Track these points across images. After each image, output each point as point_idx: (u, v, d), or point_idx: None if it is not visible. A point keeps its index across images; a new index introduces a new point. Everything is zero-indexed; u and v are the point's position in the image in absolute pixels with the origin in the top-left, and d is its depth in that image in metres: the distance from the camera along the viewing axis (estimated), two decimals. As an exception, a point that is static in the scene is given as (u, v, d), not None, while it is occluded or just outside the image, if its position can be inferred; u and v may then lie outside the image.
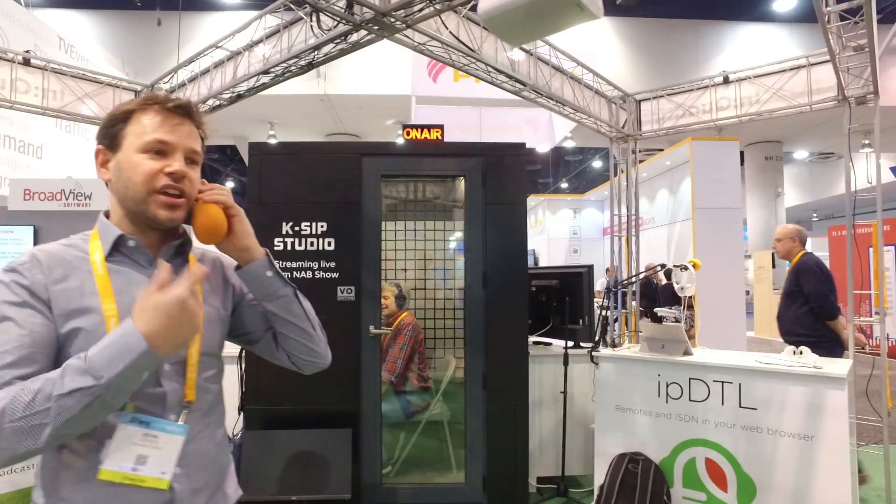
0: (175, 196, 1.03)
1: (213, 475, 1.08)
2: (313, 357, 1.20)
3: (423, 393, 3.85)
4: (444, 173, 3.50)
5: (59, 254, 1.02)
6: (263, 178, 3.42)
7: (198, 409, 1.06)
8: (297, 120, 12.49)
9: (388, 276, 3.84)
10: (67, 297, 0.97)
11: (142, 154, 1.02)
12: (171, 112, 1.04)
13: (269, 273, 1.11)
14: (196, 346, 1.06)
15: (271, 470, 3.00)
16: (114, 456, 0.95)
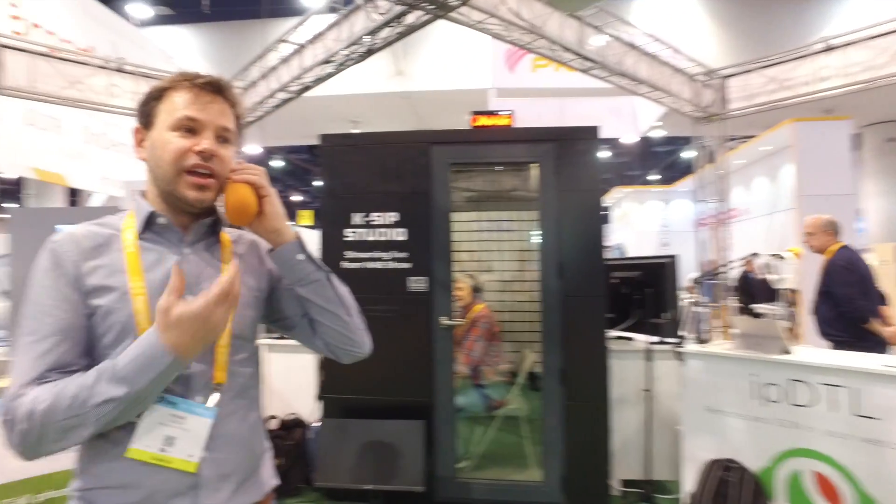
0: (204, 175, 1.00)
1: (244, 460, 1.04)
2: (349, 345, 1.13)
3: (498, 386, 3.76)
4: (515, 160, 3.38)
5: (93, 231, 1.02)
6: (335, 169, 3.46)
7: (227, 392, 1.03)
8: (379, 118, 12.75)
9: (463, 267, 3.77)
10: (99, 275, 0.97)
11: (172, 132, 1.00)
12: (201, 89, 1.01)
13: (301, 256, 1.06)
14: (227, 328, 1.02)
15: (345, 458, 3.02)
16: (143, 435, 0.94)
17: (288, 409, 3.76)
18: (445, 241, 3.33)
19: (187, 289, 1.00)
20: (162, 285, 0.97)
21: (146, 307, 0.96)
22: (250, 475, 1.06)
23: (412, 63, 11.80)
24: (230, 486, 1.00)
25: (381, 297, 3.33)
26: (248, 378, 1.08)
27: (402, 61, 11.83)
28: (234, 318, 1.04)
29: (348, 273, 3.35)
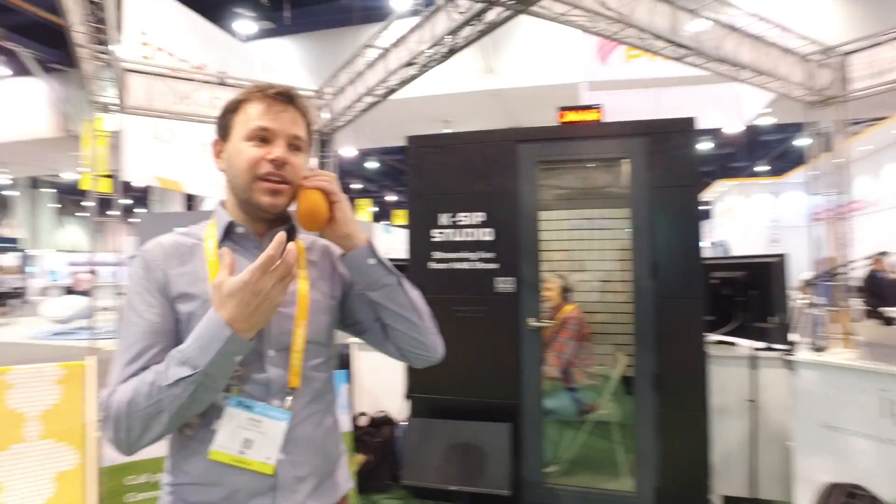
0: (277, 182, 1.03)
1: (319, 463, 1.07)
2: (421, 349, 1.13)
3: (589, 389, 3.64)
4: (604, 156, 3.25)
5: (178, 241, 1.08)
6: (421, 169, 3.50)
7: (303, 396, 1.05)
8: (470, 117, 12.81)
9: (552, 267, 3.69)
10: (182, 282, 1.03)
11: (247, 142, 1.04)
12: (273, 99, 1.05)
13: (371, 261, 1.07)
14: (301, 334, 1.06)
15: (432, 458, 3.05)
16: (223, 437, 0.99)
17: (377, 407, 3.86)
18: (533, 241, 3.27)
19: None
20: None
21: None
22: (326, 478, 1.09)
23: (502, 60, 11.74)
24: (307, 487, 1.03)
25: (469, 297, 3.33)
26: (324, 383, 1.11)
27: (492, 59, 11.79)
28: (309, 325, 1.07)
29: (435, 274, 3.39)
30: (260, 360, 1.02)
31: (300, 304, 1.07)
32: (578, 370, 3.61)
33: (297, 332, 1.05)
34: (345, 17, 11.89)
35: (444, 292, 3.38)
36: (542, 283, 3.30)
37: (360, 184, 25.03)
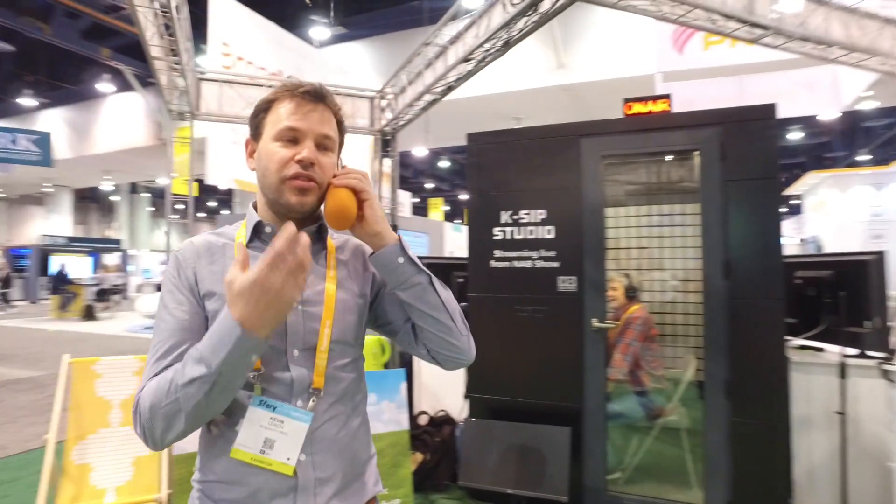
0: (305, 180, 1.02)
1: (344, 465, 1.05)
2: (452, 352, 1.09)
3: (656, 393, 3.46)
4: (672, 148, 3.07)
5: (209, 241, 1.09)
6: (481, 167, 3.46)
7: (327, 397, 1.04)
8: (541, 113, 12.61)
9: (617, 266, 3.54)
10: (210, 281, 1.03)
11: (276, 142, 1.03)
12: (302, 98, 1.04)
13: (401, 259, 1.04)
14: (327, 333, 1.04)
15: (488, 460, 3.00)
16: (245, 437, 0.98)
17: (438, 406, 3.85)
18: (597, 239, 3.14)
19: None
20: None
21: None
22: (352, 481, 1.06)
23: (573, 54, 11.47)
24: (329, 490, 1.02)
25: (530, 297, 3.26)
26: (351, 383, 1.09)
27: (563, 54, 11.55)
28: (335, 324, 1.05)
29: (496, 273, 3.34)
30: (284, 359, 1.02)
31: (327, 303, 1.06)
32: (645, 373, 3.44)
33: (322, 331, 1.04)
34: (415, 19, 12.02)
35: (504, 291, 3.33)
36: (607, 282, 3.17)
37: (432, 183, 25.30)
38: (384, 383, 3.19)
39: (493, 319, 3.34)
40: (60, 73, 15.45)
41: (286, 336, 1.02)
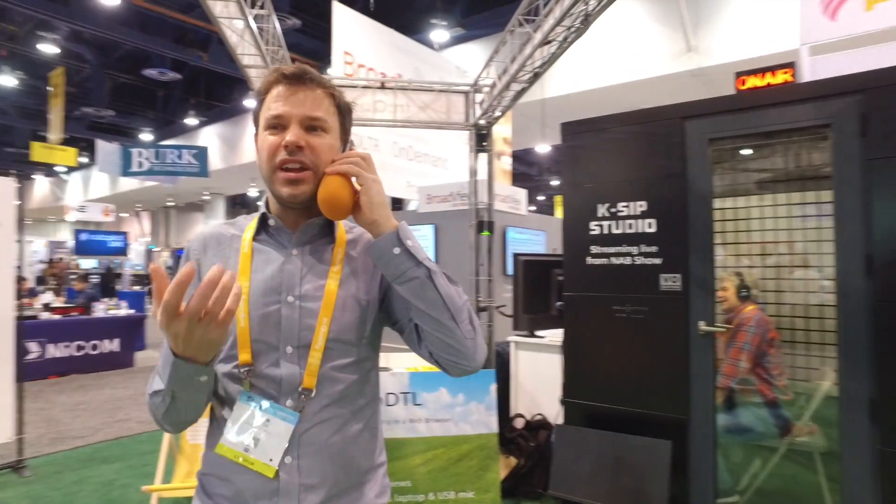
0: (295, 170, 0.97)
1: (336, 473, 0.98)
2: (453, 356, 0.97)
3: (778, 408, 3.02)
4: (796, 125, 2.63)
5: (218, 232, 1.08)
6: (577, 158, 3.25)
7: (320, 398, 0.97)
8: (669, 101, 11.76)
9: (728, 262, 3.15)
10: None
11: (266, 131, 1.00)
12: (287, 82, 0.99)
13: (397, 250, 0.94)
14: (324, 332, 0.98)
15: (581, 470, 2.80)
16: (230, 433, 0.96)
17: (536, 409, 3.69)
18: (704, 232, 2.81)
19: (286, 290, 1.00)
20: (264, 287, 0.99)
21: (246, 307, 0.98)
22: (347, 490, 0.99)
23: (705, 36, 10.55)
24: (315, 497, 0.95)
25: (629, 296, 2.99)
26: (351, 386, 1.01)
27: (693, 36, 10.67)
28: (333, 322, 0.99)
29: (593, 270, 3.11)
30: (276, 355, 0.98)
31: (326, 300, 1.00)
32: (764, 382, 3.01)
33: (318, 329, 0.98)
34: (530, 13, 11.78)
35: (601, 290, 3.09)
36: (717, 280, 2.82)
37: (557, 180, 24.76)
38: (473, 384, 3.12)
39: (590, 320, 3.12)
40: (216, 94, 17.30)
41: (280, 332, 0.98)
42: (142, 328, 8.57)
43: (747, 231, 3.07)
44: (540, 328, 3.81)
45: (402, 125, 3.71)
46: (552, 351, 3.56)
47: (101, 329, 7.71)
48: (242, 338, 0.98)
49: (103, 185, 21.51)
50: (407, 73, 10.91)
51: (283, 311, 0.99)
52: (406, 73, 10.91)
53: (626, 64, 10.87)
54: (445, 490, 2.96)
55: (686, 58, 10.73)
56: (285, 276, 1.01)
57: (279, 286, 1.00)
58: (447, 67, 12.52)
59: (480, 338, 1.00)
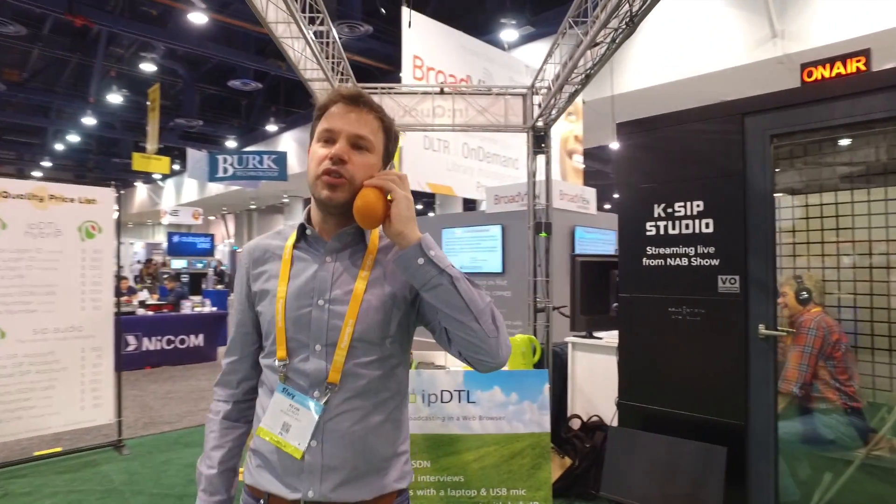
0: (336, 177, 1.08)
1: (355, 457, 1.08)
2: (479, 354, 1.06)
3: (849, 416, 2.85)
4: (869, 117, 2.48)
5: (266, 242, 1.23)
6: (632, 158, 3.22)
7: (343, 392, 1.09)
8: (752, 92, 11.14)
9: (790, 264, 3.02)
10: (261, 280, 1.17)
11: (317, 143, 1.12)
12: (343, 102, 1.11)
13: (421, 261, 1.03)
14: (349, 332, 1.09)
15: (634, 473, 2.78)
16: (268, 418, 1.11)
17: (592, 410, 3.68)
18: (765, 233, 2.71)
19: (317, 294, 1.11)
20: (298, 291, 1.13)
21: (283, 309, 1.11)
22: (366, 474, 1.09)
23: (793, 19, 9.91)
24: (335, 478, 1.07)
25: (686, 298, 2.94)
26: (374, 381, 1.11)
27: (778, 21, 10.06)
28: (358, 323, 1.10)
29: (649, 271, 3.08)
30: (306, 352, 1.10)
31: (352, 302, 1.11)
32: (827, 387, 2.85)
33: (344, 329, 1.09)
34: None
35: (658, 291, 3.05)
36: (780, 283, 2.71)
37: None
38: (526, 383, 3.16)
39: (645, 322, 3.08)
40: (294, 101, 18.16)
41: (310, 331, 1.10)
42: (223, 325, 9.17)
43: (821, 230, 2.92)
44: (598, 329, 3.79)
45: (462, 129, 3.79)
46: (609, 352, 3.53)
47: (187, 325, 8.37)
48: (280, 336, 1.11)
49: (193, 191, 23.12)
50: (476, 75, 11.01)
51: (314, 313, 1.11)
52: (475, 74, 11.01)
53: (704, 54, 10.41)
54: (497, 486, 3.02)
55: (771, 44, 10.14)
56: (318, 281, 1.13)
57: (312, 290, 1.12)
58: (517, 67, 12.49)
59: (504, 336, 1.08)
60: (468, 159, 10.74)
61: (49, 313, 3.92)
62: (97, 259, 4.12)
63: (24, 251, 3.85)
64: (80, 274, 4.05)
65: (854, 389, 2.91)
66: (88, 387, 4.07)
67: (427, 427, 3.10)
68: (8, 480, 3.68)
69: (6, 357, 3.78)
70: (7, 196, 3.83)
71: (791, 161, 3.12)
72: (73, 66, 16.17)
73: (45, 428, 3.94)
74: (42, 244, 3.91)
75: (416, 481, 3.03)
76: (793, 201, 3.13)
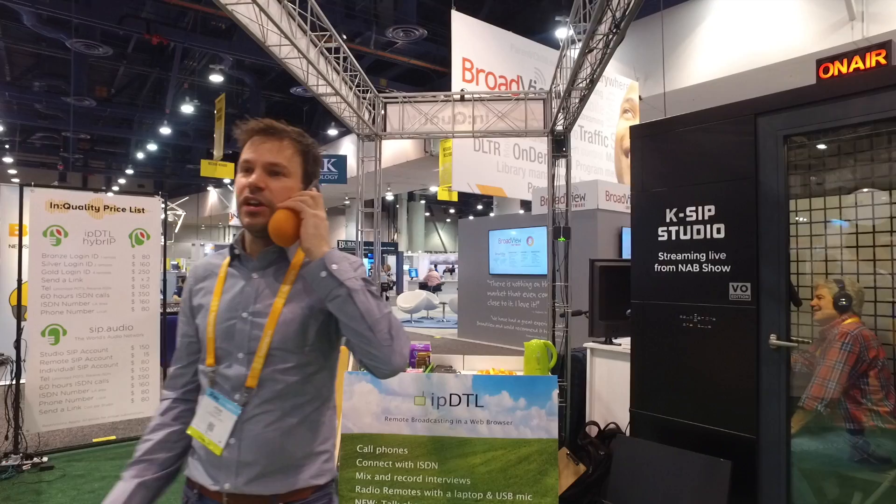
0: (254, 205, 1.19)
1: (270, 455, 1.18)
2: (374, 361, 1.14)
3: (880, 435, 2.66)
4: (887, 115, 2.31)
5: (210, 261, 1.35)
6: (645, 162, 3.14)
7: (260, 395, 1.18)
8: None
9: (804, 269, 2.86)
10: (199, 295, 1.30)
11: (240, 174, 1.23)
12: (256, 133, 1.22)
13: (323, 274, 1.12)
14: (267, 342, 1.19)
15: (639, 483, 2.73)
16: (197, 418, 1.23)
17: (610, 417, 3.61)
18: (778, 238, 2.59)
19: (242, 307, 1.23)
20: (227, 305, 1.24)
21: (213, 321, 1.24)
22: (279, 470, 1.19)
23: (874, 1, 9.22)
24: (249, 472, 1.17)
25: (697, 305, 2.85)
26: (290, 386, 1.20)
27: (857, 2, 9.36)
28: (275, 334, 1.20)
29: (661, 277, 3.00)
30: (231, 360, 1.21)
31: (272, 315, 1.21)
32: (856, 406, 2.67)
33: (263, 339, 1.19)
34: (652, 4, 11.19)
35: (669, 298, 2.97)
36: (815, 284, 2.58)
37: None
38: (535, 389, 3.16)
39: (657, 329, 3.01)
40: (354, 106, 18.73)
41: (234, 341, 1.21)
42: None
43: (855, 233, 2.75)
44: (617, 335, 3.72)
45: (482, 136, 3.83)
46: (627, 359, 3.46)
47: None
48: (210, 345, 1.24)
49: (259, 195, 24.17)
50: (527, 75, 10.95)
51: (238, 325, 1.22)
52: (526, 74, 10.95)
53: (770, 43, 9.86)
54: (503, 491, 3.04)
55: (848, 28, 9.48)
56: (244, 296, 1.24)
57: (238, 304, 1.24)
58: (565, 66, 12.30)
59: (399, 345, 1.14)
60: (519, 160, 10.70)
61: (103, 313, 4.28)
62: (146, 263, 4.46)
63: (83, 257, 4.22)
64: (131, 277, 4.40)
65: (888, 410, 2.71)
66: (138, 381, 4.42)
67: (435, 429, 3.16)
68: (67, 463, 4.06)
69: (67, 353, 4.16)
70: (69, 207, 4.21)
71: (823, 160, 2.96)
72: (153, 81, 17.40)
73: (101, 417, 4.31)
74: (98, 250, 4.28)
75: (423, 482, 3.11)
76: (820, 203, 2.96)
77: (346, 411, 3.16)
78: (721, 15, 10.56)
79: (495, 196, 14.94)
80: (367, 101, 4.06)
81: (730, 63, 10.42)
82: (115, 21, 12.29)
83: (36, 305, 4.04)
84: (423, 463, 3.14)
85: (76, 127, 17.72)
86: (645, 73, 12.48)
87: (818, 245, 2.85)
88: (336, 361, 1.31)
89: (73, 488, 3.62)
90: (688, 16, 11.22)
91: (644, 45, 11.86)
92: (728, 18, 10.51)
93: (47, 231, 4.10)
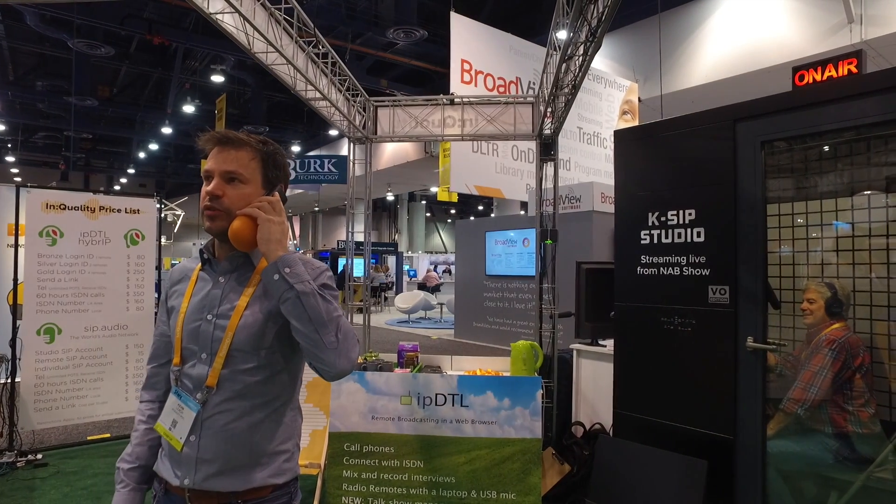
0: (213, 210, 1.24)
1: (230, 452, 1.22)
2: (319, 363, 1.19)
3: (859, 439, 2.70)
4: (860, 122, 2.36)
5: (185, 265, 1.41)
6: (628, 165, 3.19)
7: (220, 394, 1.23)
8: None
9: (783, 273, 2.90)
10: (173, 297, 1.36)
11: (205, 183, 1.29)
12: (216, 144, 1.28)
13: (276, 276, 1.17)
14: (227, 343, 1.23)
15: (619, 482, 2.78)
16: (164, 415, 1.28)
17: (596, 418, 3.66)
18: (755, 242, 2.63)
19: (207, 309, 1.27)
20: (195, 307, 1.29)
21: (182, 322, 1.29)
22: (237, 467, 1.23)
23: (873, 2, 9.24)
24: (207, 469, 1.21)
25: (677, 308, 2.89)
26: (251, 386, 1.25)
27: (855, 4, 9.37)
28: (236, 335, 1.24)
29: (643, 280, 3.05)
30: (194, 359, 1.26)
31: (233, 317, 1.25)
32: (838, 411, 2.70)
33: (224, 340, 1.24)
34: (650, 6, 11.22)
35: (650, 301, 3.02)
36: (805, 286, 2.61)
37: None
38: (519, 389, 3.20)
39: (639, 331, 3.06)
40: (355, 106, 18.79)
41: (198, 341, 1.26)
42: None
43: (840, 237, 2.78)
44: (602, 336, 3.76)
45: (471, 139, 3.87)
46: (612, 360, 3.51)
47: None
48: (177, 346, 1.29)
49: (260, 194, 24.26)
50: (526, 77, 10.99)
51: (202, 326, 1.27)
52: (525, 76, 10.99)
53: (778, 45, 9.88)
54: (487, 489, 3.08)
55: (847, 31, 9.50)
56: (210, 298, 1.29)
57: (204, 307, 1.29)
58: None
59: (346, 349, 1.18)
60: (518, 161, 10.74)
61: (98, 313, 4.34)
62: (140, 264, 4.52)
63: (78, 257, 4.28)
64: (126, 277, 4.46)
65: (868, 415, 2.73)
66: (132, 380, 4.47)
67: (421, 428, 3.21)
68: (62, 460, 4.12)
69: (62, 351, 4.22)
70: (65, 208, 4.27)
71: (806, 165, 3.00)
72: (154, 81, 17.49)
73: (95, 415, 4.36)
74: (93, 250, 4.34)
75: (409, 480, 3.16)
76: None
77: (334, 410, 3.20)
78: (721, 17, 10.58)
79: (494, 197, 15.00)
80: (357, 105, 4.11)
81: (729, 65, 10.44)
82: (118, 21, 12.38)
83: (31, 305, 4.11)
84: (408, 461, 3.18)
85: (78, 126, 17.84)
86: (645, 75, 12.50)
87: (800, 249, 2.89)
88: (299, 364, 1.35)
89: (66, 485, 3.68)
90: (687, 18, 11.23)
91: (644, 46, 11.90)
92: (728, 21, 10.53)
93: (43, 231, 4.16)
